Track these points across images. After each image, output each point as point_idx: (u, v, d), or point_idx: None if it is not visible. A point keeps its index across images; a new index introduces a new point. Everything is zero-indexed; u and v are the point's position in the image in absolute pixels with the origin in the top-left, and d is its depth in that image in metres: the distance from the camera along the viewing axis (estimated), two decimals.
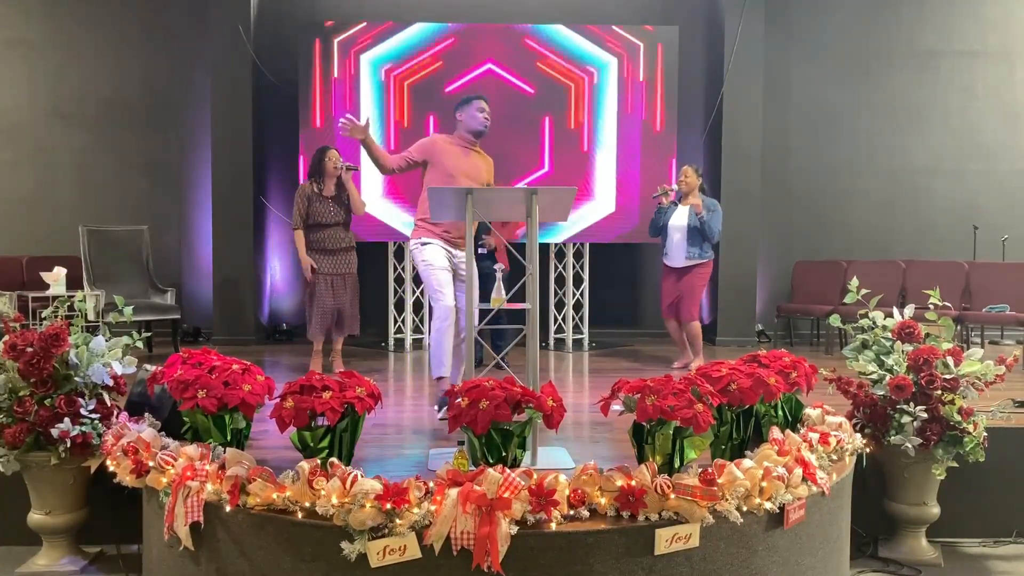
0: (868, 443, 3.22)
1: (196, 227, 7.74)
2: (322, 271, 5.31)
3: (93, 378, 3.08)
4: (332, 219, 5.30)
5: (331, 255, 5.34)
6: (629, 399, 2.62)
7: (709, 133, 7.62)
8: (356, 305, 5.50)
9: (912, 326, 3.30)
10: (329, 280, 5.33)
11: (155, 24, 7.60)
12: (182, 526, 2.45)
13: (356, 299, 5.50)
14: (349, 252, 5.42)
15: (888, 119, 7.91)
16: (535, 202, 3.18)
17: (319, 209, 5.29)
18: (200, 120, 7.59)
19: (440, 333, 3.86)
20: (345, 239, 5.38)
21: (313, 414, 2.59)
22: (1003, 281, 6.42)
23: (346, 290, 5.38)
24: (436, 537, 2.21)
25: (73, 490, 3.13)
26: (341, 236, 5.35)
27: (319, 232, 5.32)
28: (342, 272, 5.37)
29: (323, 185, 5.33)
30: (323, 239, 5.32)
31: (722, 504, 2.36)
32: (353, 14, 7.59)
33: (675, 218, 5.62)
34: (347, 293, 5.39)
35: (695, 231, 5.54)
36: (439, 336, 3.87)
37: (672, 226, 5.62)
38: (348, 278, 5.40)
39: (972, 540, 3.65)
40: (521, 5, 7.71)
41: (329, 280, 5.33)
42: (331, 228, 5.32)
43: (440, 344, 3.86)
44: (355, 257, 5.49)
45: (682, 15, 7.67)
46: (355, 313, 5.48)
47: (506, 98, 7.02)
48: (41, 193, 7.59)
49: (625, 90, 7.10)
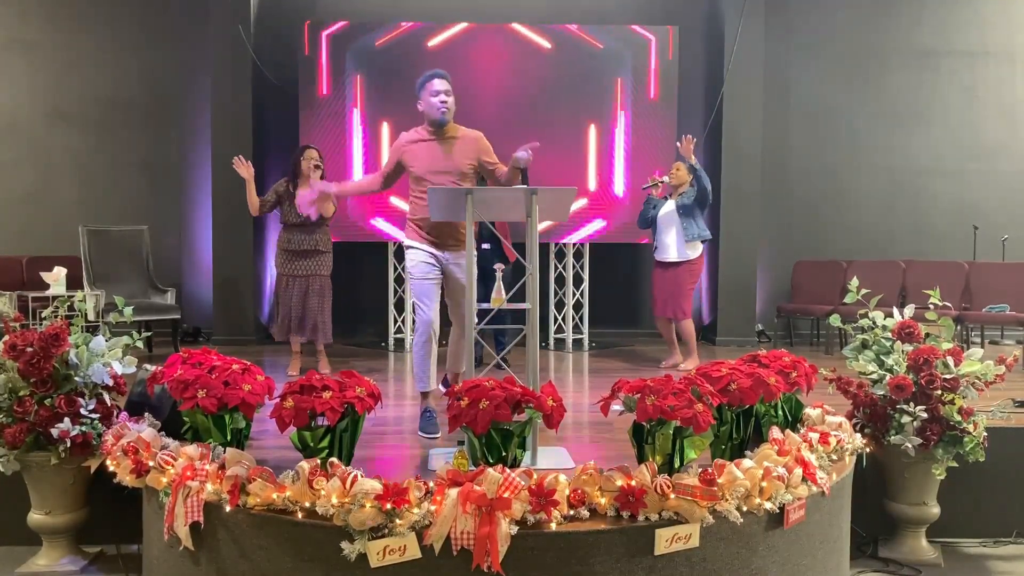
0: (868, 443, 3.22)
1: (196, 227, 7.73)
2: (289, 272, 5.25)
3: (93, 378, 3.08)
4: (302, 219, 5.20)
5: (300, 256, 5.25)
6: (629, 399, 2.62)
7: (709, 133, 7.62)
8: (326, 311, 5.34)
9: (912, 326, 3.30)
10: (295, 281, 5.25)
11: (155, 24, 7.60)
12: (182, 526, 2.45)
13: (326, 304, 5.34)
14: (320, 255, 5.29)
15: (888, 119, 7.91)
16: (535, 202, 3.18)
17: (289, 210, 5.21)
18: (200, 120, 7.59)
19: (420, 347, 3.72)
20: (314, 241, 5.23)
21: (313, 414, 2.59)
22: (1003, 281, 6.42)
23: (313, 294, 5.26)
24: (436, 537, 2.21)
25: (73, 490, 3.13)
26: (311, 238, 5.23)
27: (289, 232, 5.24)
28: (308, 274, 5.26)
29: (298, 185, 5.25)
30: (292, 240, 5.23)
31: (722, 504, 2.36)
32: (353, 14, 7.59)
33: (664, 211, 5.61)
34: (316, 297, 5.27)
35: (687, 218, 5.51)
36: (419, 351, 3.73)
37: (663, 220, 5.60)
38: (315, 281, 5.27)
39: (972, 540, 3.65)
40: (521, 5, 7.70)
41: (295, 281, 5.25)
42: (301, 229, 5.22)
43: (421, 359, 3.72)
44: (328, 260, 5.35)
45: (682, 15, 7.67)
46: (325, 319, 5.32)
47: (506, 98, 7.02)
48: (41, 193, 7.59)
49: (625, 90, 7.10)
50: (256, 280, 7.40)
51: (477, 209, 3.23)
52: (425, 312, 3.72)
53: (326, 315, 5.35)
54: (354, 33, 7.06)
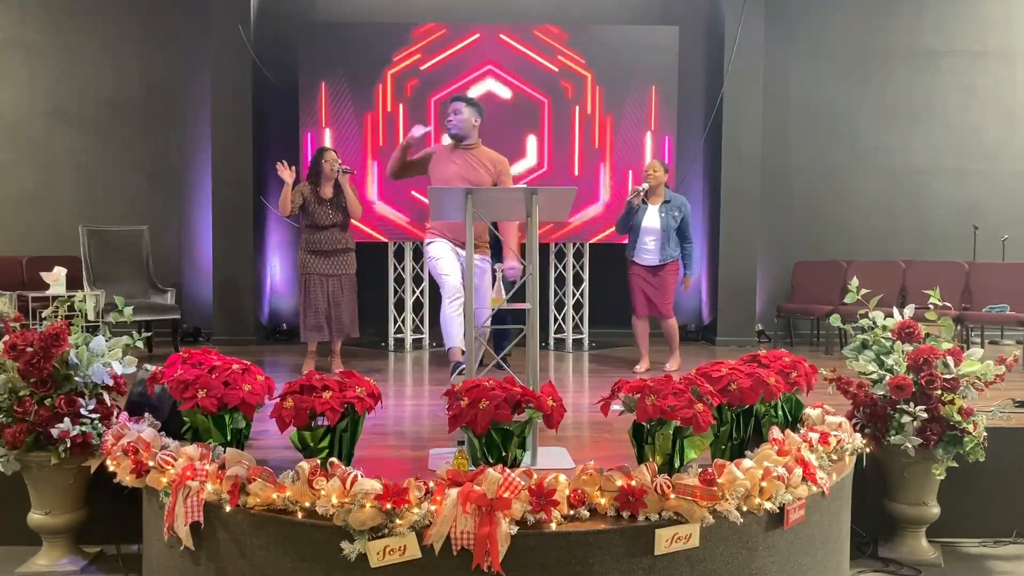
0: (868, 443, 3.22)
1: (196, 227, 7.73)
2: (317, 272, 5.32)
3: (93, 378, 3.08)
4: (328, 221, 5.30)
5: (326, 256, 5.34)
6: (629, 399, 2.62)
7: (709, 133, 7.62)
8: (354, 308, 5.47)
9: (912, 326, 3.31)
10: (323, 281, 5.33)
11: (155, 24, 7.60)
12: (182, 526, 2.45)
13: (353, 301, 5.47)
14: (345, 254, 5.41)
15: (888, 119, 7.91)
16: (535, 202, 3.18)
17: (315, 211, 5.30)
18: (200, 120, 7.59)
19: (451, 309, 4.26)
20: (341, 241, 5.36)
21: (313, 414, 2.59)
22: (1003, 281, 6.42)
23: (342, 292, 5.37)
24: (436, 537, 2.21)
25: (73, 490, 3.13)
26: (337, 237, 5.34)
27: (315, 233, 5.32)
28: (337, 273, 5.36)
29: (320, 187, 5.34)
30: (319, 240, 5.32)
31: (722, 504, 2.36)
32: (353, 14, 7.59)
33: (648, 220, 5.53)
34: (343, 295, 5.37)
35: (672, 232, 5.51)
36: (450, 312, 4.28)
37: (646, 228, 5.54)
38: (344, 280, 5.39)
39: (972, 540, 3.65)
40: (521, 5, 7.71)
41: (323, 281, 5.33)
42: (327, 230, 5.32)
43: (453, 318, 4.26)
44: (353, 259, 5.48)
45: (682, 15, 7.66)
46: (353, 316, 5.46)
47: (506, 98, 7.02)
48: (41, 193, 7.59)
49: (625, 90, 7.10)
50: (256, 280, 7.40)
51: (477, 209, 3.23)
52: (452, 279, 4.28)
53: (354, 311, 5.49)
54: (354, 33, 7.05)
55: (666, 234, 5.52)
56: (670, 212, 5.53)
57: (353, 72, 7.00)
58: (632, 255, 5.64)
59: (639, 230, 5.56)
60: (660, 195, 5.58)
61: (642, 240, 5.56)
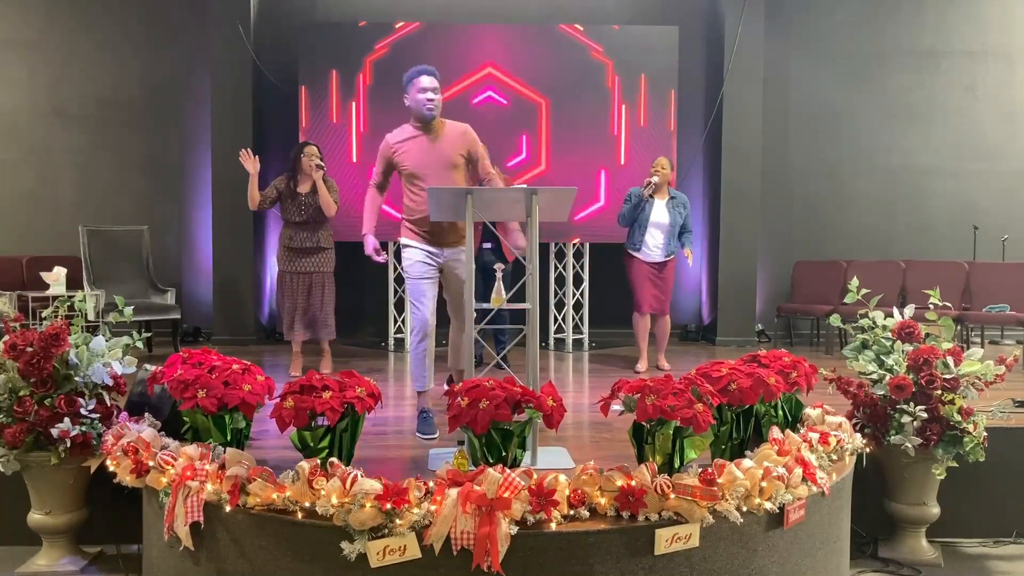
0: (868, 443, 3.22)
1: (196, 227, 7.73)
2: (291, 269, 5.24)
3: (93, 378, 3.08)
4: (300, 217, 5.19)
5: (302, 254, 5.24)
6: (629, 399, 2.62)
7: (709, 133, 7.62)
8: (330, 308, 5.34)
9: (912, 326, 3.31)
10: (298, 278, 5.25)
11: (155, 24, 7.59)
12: (182, 526, 2.45)
13: (329, 301, 5.34)
14: (322, 252, 5.28)
15: (888, 119, 7.91)
16: (535, 202, 3.18)
17: (288, 206, 5.20)
18: (200, 120, 7.59)
19: (416, 347, 3.72)
20: (316, 238, 5.24)
21: (313, 414, 2.59)
22: (1003, 281, 6.42)
23: (316, 291, 5.26)
24: (436, 537, 2.21)
25: (73, 490, 3.13)
26: (313, 235, 5.23)
27: (290, 230, 5.23)
28: (310, 271, 5.26)
29: (298, 182, 5.23)
30: (293, 237, 5.22)
31: (722, 504, 2.36)
32: (353, 13, 7.59)
33: (656, 214, 5.55)
34: (318, 294, 5.27)
35: (677, 227, 5.57)
36: (415, 350, 3.73)
37: (654, 223, 5.56)
38: (318, 277, 5.27)
39: (972, 540, 3.65)
40: (521, 5, 7.71)
41: (298, 278, 5.25)
42: (301, 227, 5.21)
43: (418, 358, 3.72)
44: (330, 257, 5.34)
45: (682, 15, 7.66)
46: (327, 317, 5.31)
47: (506, 98, 7.02)
48: (41, 193, 7.59)
49: (625, 90, 7.10)
50: (256, 280, 7.39)
51: (477, 209, 3.22)
52: (421, 312, 3.70)
53: (328, 311, 5.34)
54: (354, 33, 7.06)
55: (674, 229, 5.58)
56: (676, 208, 5.59)
57: (353, 72, 7.00)
58: (635, 249, 5.64)
59: (646, 225, 5.58)
60: (666, 191, 5.65)
61: (649, 234, 5.58)
